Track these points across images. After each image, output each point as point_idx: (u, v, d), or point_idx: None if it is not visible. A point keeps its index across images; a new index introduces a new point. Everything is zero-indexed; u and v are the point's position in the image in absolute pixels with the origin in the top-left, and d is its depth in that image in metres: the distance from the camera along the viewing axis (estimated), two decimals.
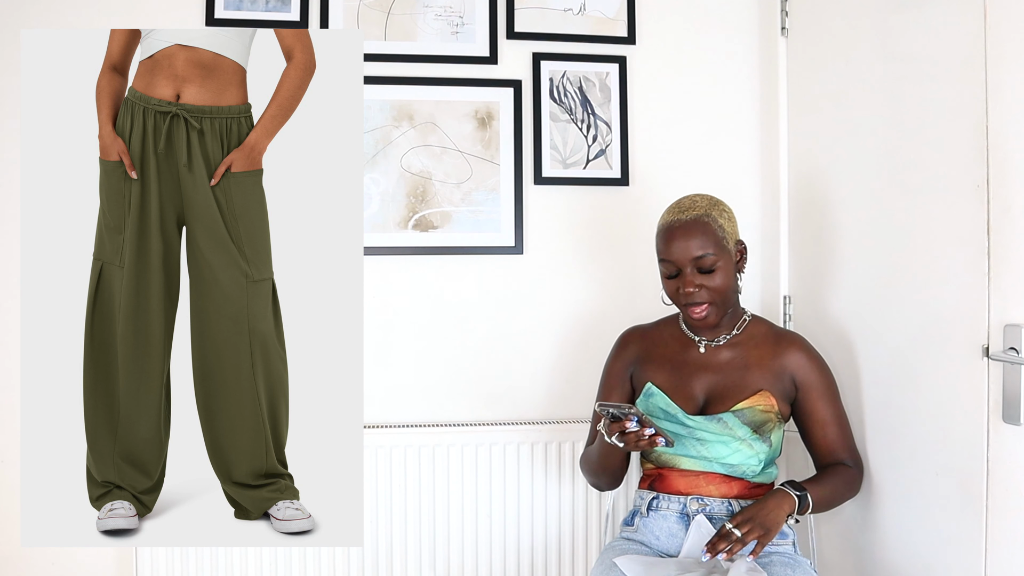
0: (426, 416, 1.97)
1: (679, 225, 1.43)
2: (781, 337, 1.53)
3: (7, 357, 1.86)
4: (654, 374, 1.53)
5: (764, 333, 1.53)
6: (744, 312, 1.55)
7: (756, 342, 1.51)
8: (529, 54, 2.00)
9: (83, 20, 1.87)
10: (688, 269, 1.42)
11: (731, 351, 1.50)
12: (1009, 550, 1.22)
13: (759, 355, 1.49)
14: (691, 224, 1.42)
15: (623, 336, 1.63)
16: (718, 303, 1.44)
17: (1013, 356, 1.19)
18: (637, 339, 1.60)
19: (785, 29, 1.95)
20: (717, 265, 1.42)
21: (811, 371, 1.49)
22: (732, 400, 1.45)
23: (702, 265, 1.42)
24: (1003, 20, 1.21)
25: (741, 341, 1.51)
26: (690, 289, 1.42)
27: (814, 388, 1.49)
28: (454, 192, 1.96)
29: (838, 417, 1.50)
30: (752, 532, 1.28)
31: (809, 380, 1.49)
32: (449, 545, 1.88)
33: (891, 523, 1.52)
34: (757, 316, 1.57)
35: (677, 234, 1.42)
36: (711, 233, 1.42)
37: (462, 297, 1.98)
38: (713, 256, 1.41)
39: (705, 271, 1.42)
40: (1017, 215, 1.19)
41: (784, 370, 1.49)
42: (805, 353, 1.51)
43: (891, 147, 1.51)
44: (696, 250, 1.41)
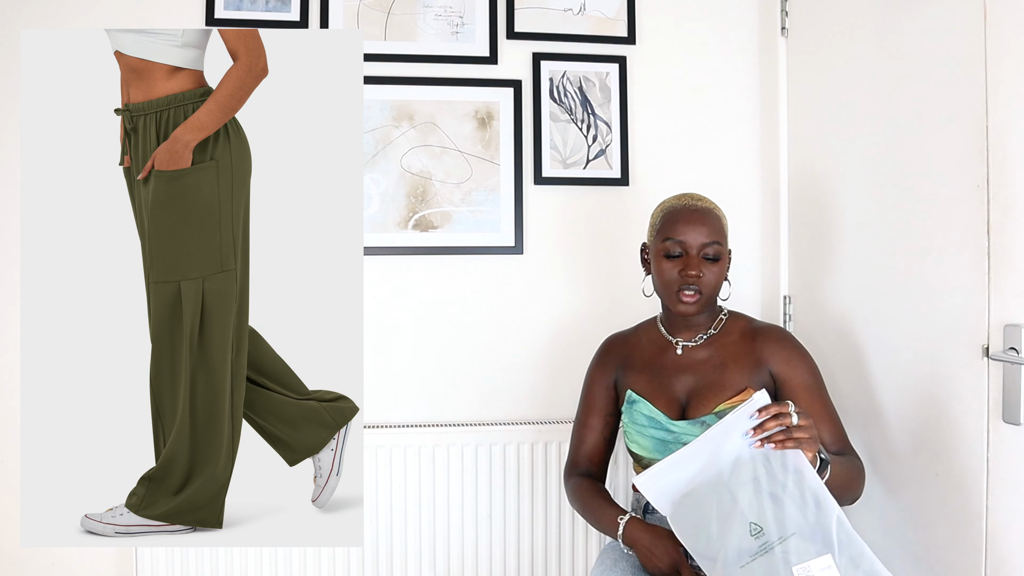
0: (426, 416, 1.97)
1: (695, 209, 1.44)
2: (758, 331, 1.48)
3: (7, 358, 1.86)
4: (635, 380, 1.51)
5: (741, 329, 1.49)
6: (721, 311, 1.52)
7: (733, 339, 1.48)
8: (529, 54, 2.00)
9: (83, 20, 1.87)
10: (695, 252, 1.42)
11: (708, 350, 1.47)
12: (1009, 550, 1.22)
13: (735, 352, 1.45)
14: (705, 212, 1.44)
15: (604, 344, 1.61)
16: (707, 296, 1.43)
17: (1013, 356, 1.19)
18: (618, 346, 1.58)
19: (785, 29, 1.94)
20: (719, 257, 1.43)
21: (790, 364, 1.43)
22: (713, 401, 1.41)
23: (708, 253, 1.42)
24: (1003, 20, 1.21)
25: (718, 339, 1.48)
26: (694, 272, 1.40)
27: (795, 383, 1.42)
28: (454, 192, 1.96)
29: (825, 412, 1.42)
30: (806, 431, 1.14)
31: (788, 374, 1.42)
32: (449, 545, 1.88)
33: (891, 523, 1.52)
34: (735, 312, 1.54)
35: (692, 217, 1.43)
36: (720, 227, 1.44)
37: (462, 297, 1.98)
38: (719, 246, 1.43)
39: (709, 260, 1.42)
40: (1017, 215, 1.19)
41: (760, 363, 1.44)
42: (781, 345, 1.45)
43: (891, 147, 1.51)
44: (707, 236, 1.42)
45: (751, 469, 1.15)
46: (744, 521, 1.12)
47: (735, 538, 1.12)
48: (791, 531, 1.10)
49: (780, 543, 1.10)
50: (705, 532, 1.15)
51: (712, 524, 1.14)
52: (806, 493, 1.12)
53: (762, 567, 1.10)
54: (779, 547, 1.10)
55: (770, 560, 1.10)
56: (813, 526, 1.10)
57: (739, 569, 1.11)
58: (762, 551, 1.10)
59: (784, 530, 1.10)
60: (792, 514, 1.11)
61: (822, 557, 1.08)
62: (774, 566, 1.09)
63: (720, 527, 1.13)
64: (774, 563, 1.09)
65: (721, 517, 1.14)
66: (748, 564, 1.10)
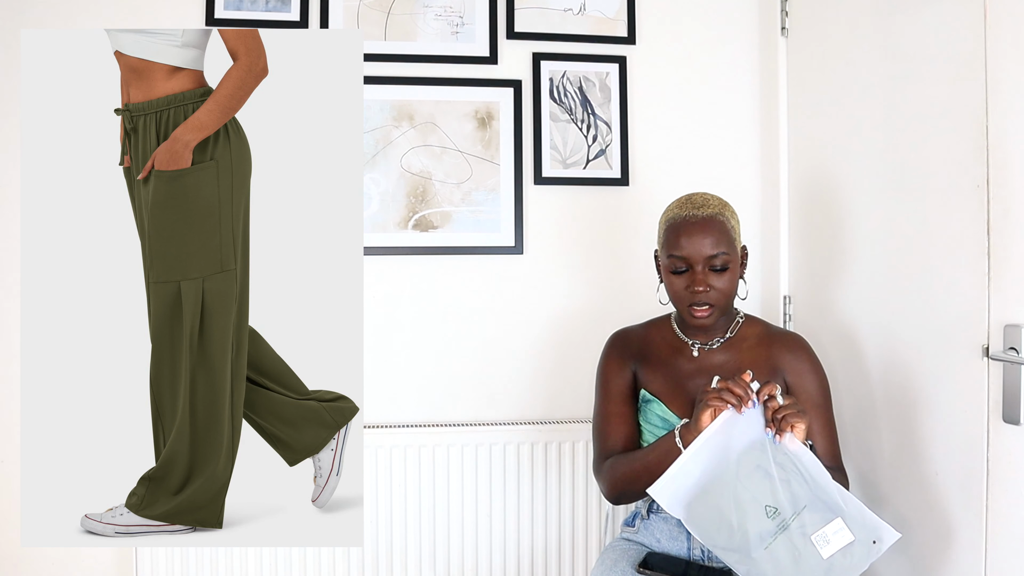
0: (426, 416, 1.97)
1: (695, 220, 1.37)
2: (775, 338, 1.47)
3: (7, 358, 1.86)
4: (650, 379, 1.48)
5: (759, 334, 1.47)
6: (737, 313, 1.50)
7: (750, 344, 1.46)
8: (529, 54, 2.00)
9: (83, 20, 1.87)
10: (700, 267, 1.37)
11: (725, 354, 1.46)
12: (1009, 550, 1.22)
13: (752, 358, 1.44)
14: (707, 221, 1.37)
15: (616, 336, 1.56)
16: (721, 306, 1.40)
17: (1013, 356, 1.19)
18: (632, 340, 1.54)
19: (785, 29, 1.95)
20: (728, 266, 1.38)
21: (805, 377, 1.44)
22: None
23: (714, 264, 1.37)
24: (1003, 20, 1.21)
25: (734, 344, 1.46)
26: (700, 288, 1.36)
27: (806, 396, 1.42)
28: (454, 192, 1.96)
29: (827, 427, 1.43)
30: (792, 408, 1.21)
31: (802, 386, 1.43)
32: (449, 545, 1.88)
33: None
34: (751, 316, 1.52)
35: (693, 230, 1.37)
36: (725, 232, 1.38)
37: (462, 297, 1.98)
38: (726, 255, 1.37)
39: (716, 271, 1.38)
40: (1017, 215, 1.19)
41: (777, 371, 1.44)
42: (796, 355, 1.45)
43: (891, 147, 1.51)
44: (711, 248, 1.36)
45: (754, 458, 1.22)
46: (759, 506, 1.20)
47: (754, 523, 1.19)
48: (803, 504, 1.19)
49: (795, 518, 1.19)
50: (725, 526, 1.21)
51: (732, 516, 1.21)
52: (804, 469, 1.21)
53: (783, 544, 1.18)
54: (795, 522, 1.19)
55: (789, 536, 1.18)
56: (819, 497, 1.19)
57: (764, 551, 1.19)
58: (780, 529, 1.19)
59: (796, 505, 1.19)
60: (799, 490, 1.20)
61: (833, 522, 1.18)
62: (794, 540, 1.18)
63: (739, 517, 1.20)
64: (793, 537, 1.18)
65: (739, 508, 1.20)
66: (771, 544, 1.19)
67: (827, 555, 1.17)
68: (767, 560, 1.18)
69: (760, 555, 1.18)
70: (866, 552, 1.18)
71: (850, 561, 1.17)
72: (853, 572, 1.17)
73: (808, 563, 1.17)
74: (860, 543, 1.18)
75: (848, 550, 1.17)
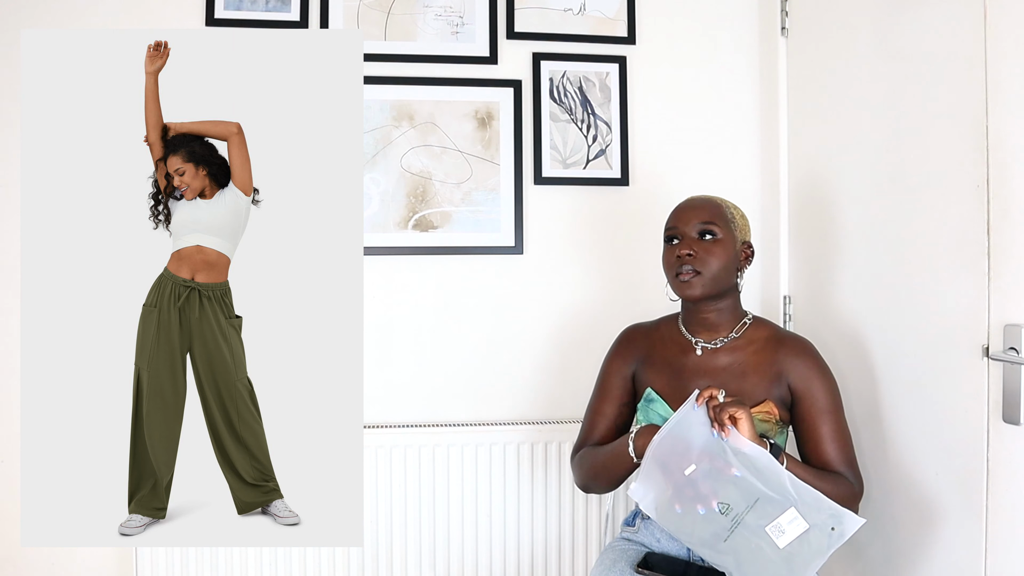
0: (426, 416, 1.97)
1: (693, 200, 1.47)
2: (782, 342, 1.45)
3: (7, 357, 1.86)
4: (654, 378, 1.48)
5: (766, 337, 1.45)
6: (746, 314, 1.49)
7: (756, 347, 1.44)
8: (529, 54, 2.00)
9: (83, 20, 1.87)
10: (689, 233, 1.42)
11: (730, 356, 1.44)
12: (1009, 550, 1.22)
13: (757, 361, 1.42)
14: (703, 201, 1.46)
15: (625, 334, 1.58)
16: (709, 277, 1.39)
17: (1013, 356, 1.19)
18: (640, 338, 1.54)
19: (785, 29, 1.95)
20: (719, 238, 1.41)
21: (812, 382, 1.41)
22: None
23: (703, 232, 1.41)
24: (1003, 19, 1.21)
25: (740, 345, 1.45)
26: (685, 251, 1.39)
27: (814, 401, 1.40)
28: (454, 192, 1.96)
29: (838, 432, 1.40)
30: (733, 405, 1.24)
31: (809, 391, 1.40)
32: (449, 545, 1.88)
33: (891, 522, 1.52)
34: (760, 318, 1.50)
35: (687, 205, 1.46)
36: (720, 213, 1.44)
37: (462, 297, 1.98)
38: (715, 227, 1.41)
39: (705, 241, 1.40)
40: (1017, 215, 1.19)
41: (781, 376, 1.42)
42: (802, 359, 1.42)
43: (891, 147, 1.51)
44: (701, 217, 1.42)
45: (707, 462, 1.25)
46: (713, 504, 1.24)
47: (710, 522, 1.24)
48: (755, 498, 1.23)
49: (748, 511, 1.22)
50: (688, 525, 1.26)
51: (688, 517, 1.25)
52: (752, 464, 1.23)
53: (740, 537, 1.23)
54: (749, 515, 1.22)
55: (744, 528, 1.22)
56: (771, 489, 1.22)
57: (723, 544, 1.23)
58: (735, 523, 1.23)
59: (748, 499, 1.23)
60: (749, 485, 1.23)
61: (787, 512, 1.22)
62: (749, 532, 1.22)
63: (694, 518, 1.25)
64: (749, 530, 1.22)
65: (692, 509, 1.25)
66: (729, 538, 1.23)
67: (783, 544, 1.20)
68: (730, 552, 1.23)
69: (723, 547, 1.23)
70: (826, 539, 1.20)
71: (809, 548, 1.20)
72: (815, 559, 1.20)
73: (766, 554, 1.21)
74: (817, 530, 1.20)
75: (804, 538, 1.20)
